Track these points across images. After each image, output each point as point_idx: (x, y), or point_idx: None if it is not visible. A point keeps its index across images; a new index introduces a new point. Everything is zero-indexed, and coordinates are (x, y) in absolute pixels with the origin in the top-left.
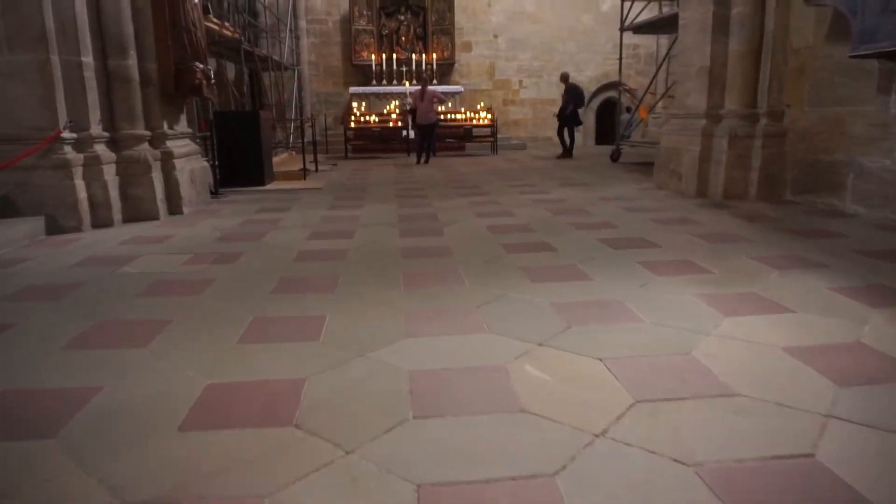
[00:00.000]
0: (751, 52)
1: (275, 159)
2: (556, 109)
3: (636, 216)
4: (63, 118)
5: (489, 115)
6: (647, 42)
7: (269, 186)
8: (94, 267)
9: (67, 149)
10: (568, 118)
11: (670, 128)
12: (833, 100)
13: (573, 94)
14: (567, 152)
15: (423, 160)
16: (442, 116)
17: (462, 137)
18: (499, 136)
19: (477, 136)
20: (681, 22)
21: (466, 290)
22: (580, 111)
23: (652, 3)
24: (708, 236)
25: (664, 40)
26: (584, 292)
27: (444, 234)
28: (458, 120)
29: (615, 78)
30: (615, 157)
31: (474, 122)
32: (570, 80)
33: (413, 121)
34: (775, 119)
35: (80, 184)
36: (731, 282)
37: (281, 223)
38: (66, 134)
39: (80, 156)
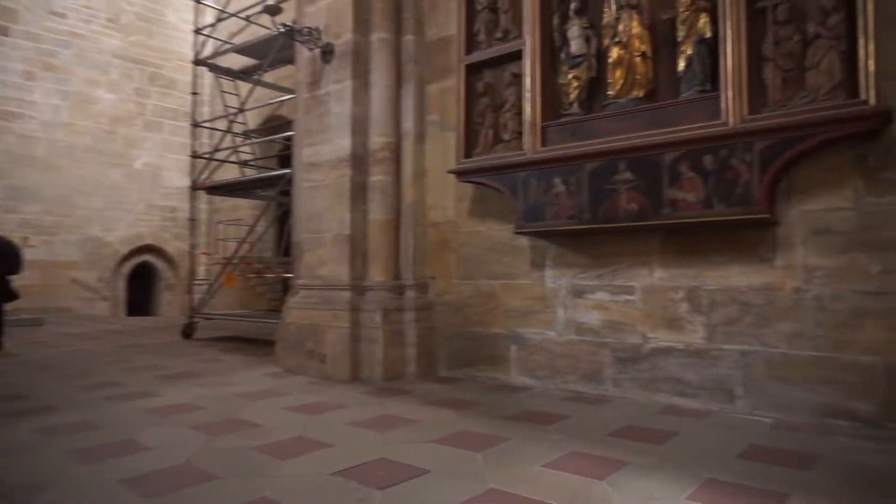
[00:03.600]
0: (393, 221)
1: None
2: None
3: (326, 422)
4: None
5: None
6: (185, 206)
7: None
8: None
9: None
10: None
11: (302, 301)
12: (485, 274)
13: (2, 256)
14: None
15: None
16: None
17: None
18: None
19: None
20: (306, 184)
21: None
22: (12, 280)
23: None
24: (454, 440)
25: (204, 205)
26: None
27: None
28: None
29: (149, 241)
30: (188, 332)
31: None
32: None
33: None
34: (422, 291)
35: None
36: None
37: None
38: None
39: None
